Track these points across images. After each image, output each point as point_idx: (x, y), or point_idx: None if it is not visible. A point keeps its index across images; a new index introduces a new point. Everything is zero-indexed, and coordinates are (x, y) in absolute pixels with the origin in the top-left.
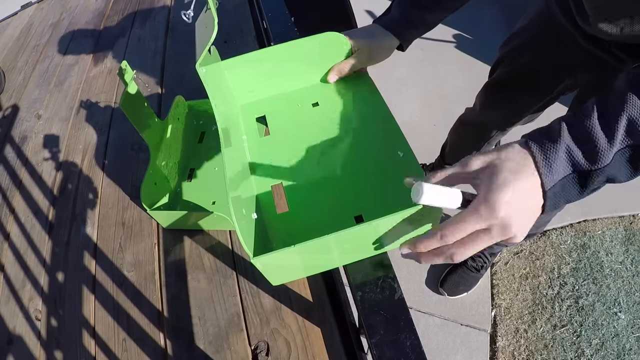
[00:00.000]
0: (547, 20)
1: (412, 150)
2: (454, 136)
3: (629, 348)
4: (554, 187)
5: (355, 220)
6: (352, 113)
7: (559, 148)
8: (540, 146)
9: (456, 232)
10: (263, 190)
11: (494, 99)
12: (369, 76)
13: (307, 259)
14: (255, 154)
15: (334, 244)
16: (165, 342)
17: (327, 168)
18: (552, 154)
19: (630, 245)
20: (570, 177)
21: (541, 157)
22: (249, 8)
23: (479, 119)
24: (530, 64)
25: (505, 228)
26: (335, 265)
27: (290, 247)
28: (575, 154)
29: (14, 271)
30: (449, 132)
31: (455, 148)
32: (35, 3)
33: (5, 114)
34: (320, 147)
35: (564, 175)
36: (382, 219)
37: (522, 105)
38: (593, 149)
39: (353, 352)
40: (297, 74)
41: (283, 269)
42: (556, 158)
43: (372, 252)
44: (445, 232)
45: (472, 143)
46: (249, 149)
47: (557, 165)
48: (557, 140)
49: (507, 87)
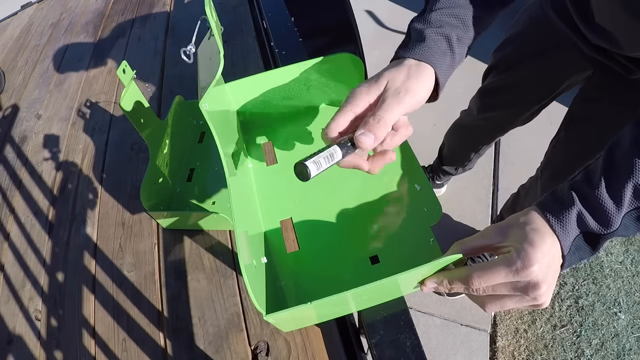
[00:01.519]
0: (544, 26)
1: (429, 183)
2: (452, 139)
3: (629, 348)
4: (570, 248)
5: (371, 260)
6: None
7: (571, 211)
8: (554, 214)
9: (484, 283)
10: (271, 226)
11: (492, 102)
12: None
13: (322, 311)
14: (261, 184)
15: (351, 298)
16: (165, 342)
17: (339, 201)
18: (566, 215)
19: (630, 245)
20: (581, 237)
21: (557, 224)
22: (249, 8)
23: (477, 123)
24: (528, 70)
25: (535, 286)
26: (349, 312)
27: (306, 305)
28: (586, 217)
29: (14, 271)
30: (445, 135)
31: (454, 150)
32: (35, 3)
33: (5, 114)
34: (331, 178)
35: (576, 235)
36: (408, 273)
37: (520, 108)
38: (604, 216)
39: (353, 352)
40: (306, 97)
41: (296, 320)
42: (570, 219)
43: (390, 297)
44: (474, 282)
45: (470, 146)
46: (255, 179)
47: (570, 226)
48: (571, 205)
49: (504, 91)
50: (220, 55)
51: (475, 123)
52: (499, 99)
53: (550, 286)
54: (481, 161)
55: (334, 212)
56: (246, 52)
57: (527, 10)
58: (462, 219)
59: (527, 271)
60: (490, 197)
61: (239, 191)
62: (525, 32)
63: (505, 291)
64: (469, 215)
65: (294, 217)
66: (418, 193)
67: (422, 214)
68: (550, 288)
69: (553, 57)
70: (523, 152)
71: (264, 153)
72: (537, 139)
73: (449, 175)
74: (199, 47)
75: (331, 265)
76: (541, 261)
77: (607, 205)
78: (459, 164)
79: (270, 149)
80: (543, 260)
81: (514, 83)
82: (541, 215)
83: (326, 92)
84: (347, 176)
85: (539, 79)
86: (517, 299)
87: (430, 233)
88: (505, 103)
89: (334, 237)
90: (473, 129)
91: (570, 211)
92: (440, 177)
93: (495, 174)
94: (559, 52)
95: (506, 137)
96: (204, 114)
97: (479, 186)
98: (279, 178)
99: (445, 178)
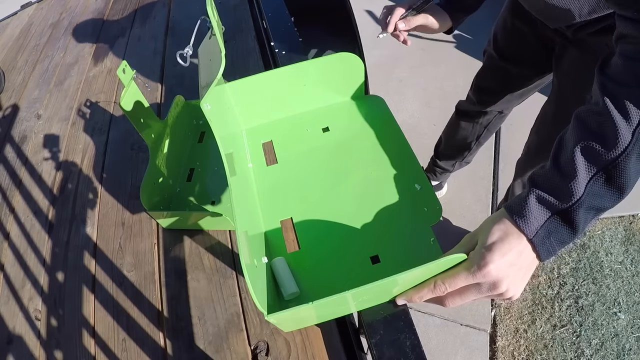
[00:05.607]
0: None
1: (429, 182)
2: (451, 130)
3: (629, 348)
4: (538, 234)
5: (371, 260)
6: (365, 139)
7: (529, 199)
8: (513, 205)
9: (449, 288)
10: (271, 226)
11: (488, 98)
12: (382, 99)
13: (323, 311)
14: (261, 184)
15: (352, 298)
16: (165, 342)
17: (339, 201)
18: (524, 206)
19: (630, 245)
20: (551, 220)
21: (516, 213)
22: (249, 8)
23: (476, 107)
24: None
25: (494, 285)
26: (349, 312)
27: (307, 305)
28: (545, 198)
29: (14, 271)
30: (444, 130)
31: (454, 142)
32: (35, 3)
33: (5, 113)
34: (331, 177)
35: (544, 220)
36: (409, 272)
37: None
38: (560, 187)
39: (353, 352)
40: (306, 97)
41: (296, 321)
42: (529, 208)
43: (391, 297)
44: (439, 289)
45: (469, 134)
46: (255, 179)
47: (531, 214)
48: (527, 194)
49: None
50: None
51: (474, 107)
52: (491, 87)
53: (513, 281)
54: (481, 161)
55: (334, 212)
56: (246, 52)
57: (501, 15)
58: (462, 219)
59: (483, 272)
60: (490, 197)
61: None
62: (503, 21)
63: (473, 295)
64: (469, 215)
65: (294, 217)
66: (418, 193)
67: (422, 213)
68: (515, 282)
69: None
70: None
71: (264, 153)
72: None
73: (447, 172)
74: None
75: (331, 265)
76: (498, 261)
77: (558, 177)
78: (458, 157)
79: (270, 149)
80: (501, 260)
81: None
82: (506, 216)
83: (326, 92)
84: (347, 176)
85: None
86: (475, 292)
87: (431, 233)
88: (498, 90)
89: (334, 237)
90: (473, 113)
91: (528, 199)
92: (436, 176)
93: (495, 174)
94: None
95: (506, 137)
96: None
97: (479, 186)
98: (279, 178)
99: (442, 177)
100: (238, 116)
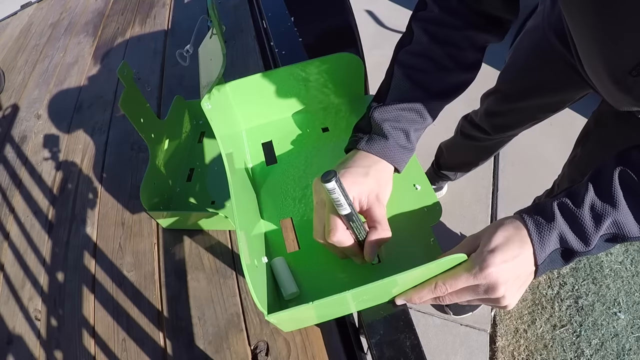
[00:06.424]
0: (547, 54)
1: (429, 182)
2: (454, 149)
3: (629, 348)
4: (545, 260)
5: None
6: None
7: (552, 229)
8: (535, 224)
9: (450, 289)
10: (271, 226)
11: (503, 122)
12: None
13: (323, 311)
14: (261, 184)
15: (352, 298)
16: (165, 342)
17: None
18: (546, 233)
19: (630, 245)
20: (558, 251)
21: (535, 234)
22: (249, 8)
23: (487, 135)
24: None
25: (492, 288)
26: (349, 312)
27: (308, 304)
28: (567, 236)
29: (14, 271)
30: (448, 145)
31: (459, 160)
32: (35, 3)
33: (5, 113)
34: None
35: (554, 249)
36: (409, 272)
37: (533, 120)
38: (582, 235)
39: (353, 352)
40: (306, 97)
41: (296, 321)
42: (550, 237)
43: (391, 297)
44: (440, 290)
45: (476, 154)
46: (255, 179)
47: (549, 243)
48: (552, 222)
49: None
50: (222, 54)
51: (491, 138)
52: (509, 120)
53: (510, 289)
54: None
55: None
56: (246, 52)
57: (528, 34)
58: (462, 219)
59: (484, 273)
60: (490, 197)
61: (239, 191)
62: (528, 58)
63: (469, 295)
64: (469, 215)
65: (294, 217)
66: (418, 193)
67: (422, 214)
68: (511, 291)
69: (558, 81)
70: (523, 152)
71: (264, 153)
72: (537, 139)
73: (447, 179)
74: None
75: (331, 265)
76: (500, 265)
77: (588, 225)
78: (463, 169)
79: (270, 149)
80: (503, 265)
81: (523, 107)
82: (522, 223)
83: (326, 92)
84: None
85: (547, 103)
86: (473, 293)
87: (431, 233)
88: (518, 121)
89: None
90: (486, 142)
91: (552, 226)
92: (436, 184)
93: (495, 174)
94: (564, 78)
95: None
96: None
97: (479, 186)
98: (279, 178)
99: (443, 182)
100: (238, 116)
